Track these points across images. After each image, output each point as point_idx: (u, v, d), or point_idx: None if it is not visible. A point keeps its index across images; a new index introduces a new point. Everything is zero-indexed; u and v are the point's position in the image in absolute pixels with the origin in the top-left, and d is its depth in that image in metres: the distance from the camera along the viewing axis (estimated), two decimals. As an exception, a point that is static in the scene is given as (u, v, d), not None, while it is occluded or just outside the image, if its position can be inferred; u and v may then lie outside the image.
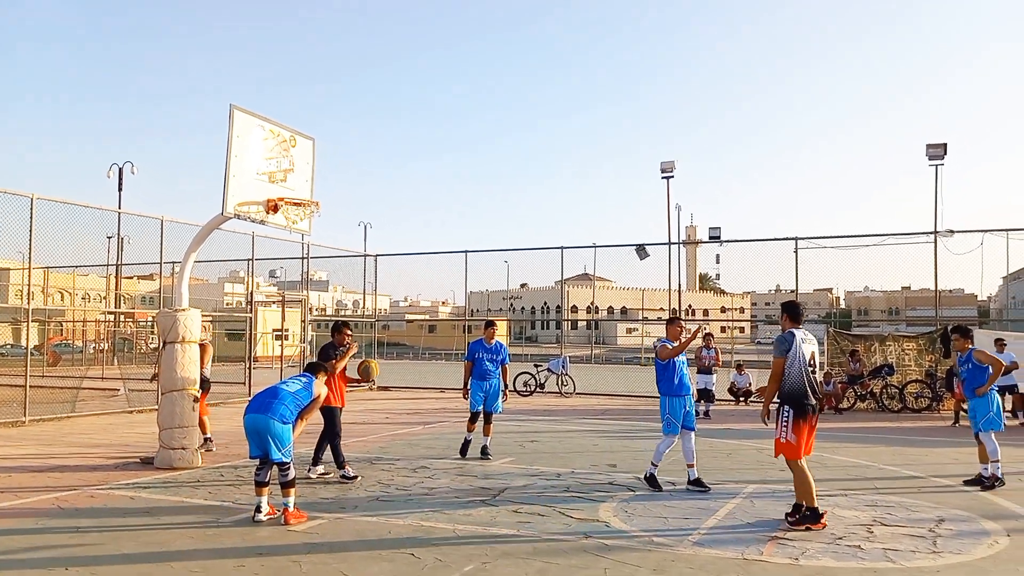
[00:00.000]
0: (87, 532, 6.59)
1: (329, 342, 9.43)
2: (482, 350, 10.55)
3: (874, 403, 17.65)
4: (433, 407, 16.74)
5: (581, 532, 6.61)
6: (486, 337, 10.63)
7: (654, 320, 54.97)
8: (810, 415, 6.96)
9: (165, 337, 10.20)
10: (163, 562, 5.70)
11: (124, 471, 9.45)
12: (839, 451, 11.38)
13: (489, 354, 10.54)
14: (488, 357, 10.52)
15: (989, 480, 8.74)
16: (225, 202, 9.78)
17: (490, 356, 10.53)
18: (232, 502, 7.73)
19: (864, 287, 74.10)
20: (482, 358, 10.52)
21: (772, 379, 7.09)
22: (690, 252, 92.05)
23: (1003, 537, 6.53)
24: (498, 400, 10.58)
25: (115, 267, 33.28)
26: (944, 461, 10.62)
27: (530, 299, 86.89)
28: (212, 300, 46.08)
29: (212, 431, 11.28)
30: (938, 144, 22.11)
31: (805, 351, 7.00)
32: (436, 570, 5.54)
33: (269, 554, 5.92)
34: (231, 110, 9.86)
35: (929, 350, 17.90)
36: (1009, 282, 61.58)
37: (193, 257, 10.70)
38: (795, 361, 6.95)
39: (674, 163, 40.30)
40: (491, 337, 10.62)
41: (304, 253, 22.78)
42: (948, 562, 5.82)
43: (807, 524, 6.76)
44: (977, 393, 9.05)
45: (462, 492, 8.28)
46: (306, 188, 11.06)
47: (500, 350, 10.60)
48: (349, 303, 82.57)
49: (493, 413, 10.57)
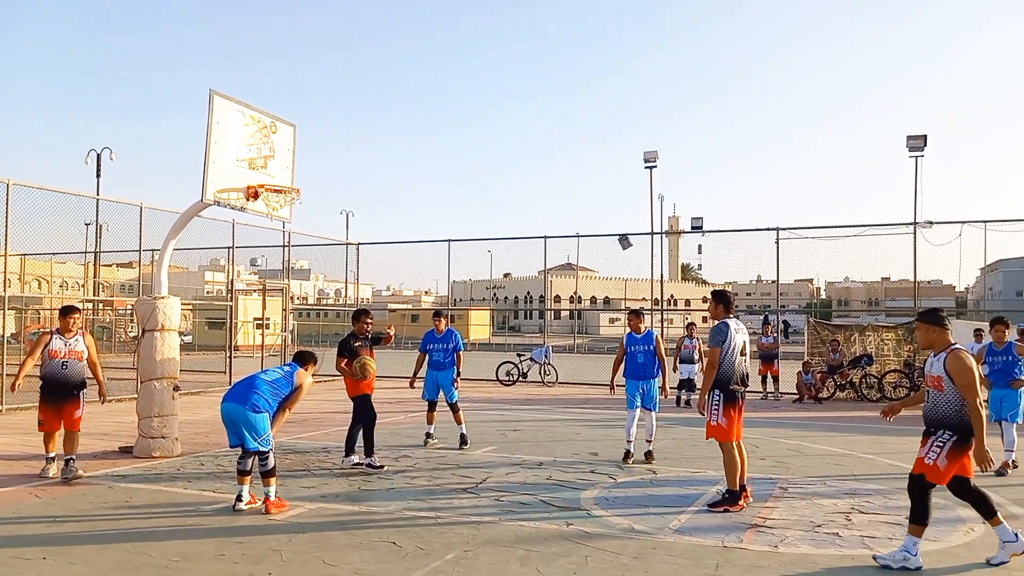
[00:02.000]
0: (64, 521, 6.53)
1: (350, 332, 9.26)
2: (432, 340, 10.64)
3: (853, 392, 17.81)
4: (415, 396, 16.68)
5: (563, 520, 6.63)
6: (436, 328, 10.68)
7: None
8: (738, 400, 7.27)
9: (144, 325, 10.10)
10: (141, 551, 5.66)
11: (102, 460, 9.37)
12: (819, 440, 11.48)
13: (440, 343, 10.58)
14: (439, 347, 10.57)
15: (1002, 468, 8.99)
16: (205, 189, 9.67)
17: (441, 346, 10.57)
18: (212, 491, 7.68)
19: (844, 278, 74.82)
20: (434, 348, 10.60)
21: (709, 368, 7.33)
22: (672, 242, 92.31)
23: (978, 524, 6.60)
24: (451, 389, 10.56)
25: (93, 254, 32.90)
26: (921, 450, 10.72)
27: (513, 289, 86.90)
28: (192, 288, 45.74)
29: (193, 419, 11.18)
30: (918, 136, 22.31)
31: (738, 341, 7.31)
32: (417, 558, 5.54)
33: (249, 542, 5.89)
34: (211, 95, 9.74)
35: (908, 340, 18.06)
36: (987, 273, 62.33)
37: (172, 244, 10.59)
38: (729, 350, 7.22)
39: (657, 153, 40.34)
40: (439, 326, 10.66)
41: (285, 241, 22.61)
42: (924, 549, 5.87)
43: (725, 507, 7.01)
44: (1012, 386, 9.21)
45: (444, 481, 8.28)
46: (287, 175, 10.96)
47: (449, 338, 10.61)
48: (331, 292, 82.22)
49: (451, 402, 10.56)
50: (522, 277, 79.53)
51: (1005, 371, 9.27)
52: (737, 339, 7.30)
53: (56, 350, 8.30)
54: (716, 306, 7.54)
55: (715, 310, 7.55)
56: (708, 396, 7.29)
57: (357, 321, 9.29)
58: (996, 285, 68.69)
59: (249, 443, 6.84)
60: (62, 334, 8.38)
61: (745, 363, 7.42)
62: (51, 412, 8.33)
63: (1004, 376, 9.27)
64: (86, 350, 8.50)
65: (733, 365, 7.25)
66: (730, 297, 7.63)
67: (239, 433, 6.87)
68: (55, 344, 8.31)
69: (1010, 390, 9.23)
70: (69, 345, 8.36)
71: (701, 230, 26.00)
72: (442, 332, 10.66)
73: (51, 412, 8.33)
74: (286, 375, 7.21)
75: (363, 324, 9.26)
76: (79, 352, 8.41)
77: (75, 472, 8.17)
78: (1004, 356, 9.31)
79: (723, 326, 7.33)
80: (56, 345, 8.30)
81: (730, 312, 7.52)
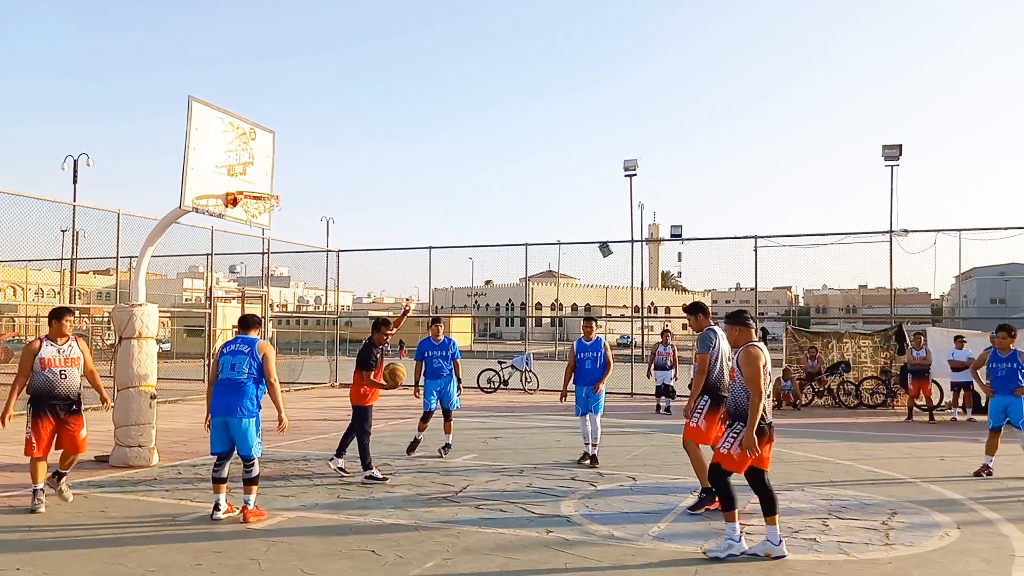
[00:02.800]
0: (39, 531, 6.45)
1: (368, 340, 9.05)
2: (430, 348, 10.40)
3: (831, 399, 17.96)
4: (396, 404, 16.64)
5: (543, 527, 6.63)
6: (432, 334, 10.46)
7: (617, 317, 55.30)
8: (722, 406, 7.32)
9: (121, 333, 10.00)
10: (118, 561, 5.60)
11: (78, 469, 9.22)
12: (796, 446, 11.57)
13: (438, 351, 10.37)
14: (438, 354, 10.36)
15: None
16: (183, 195, 9.60)
17: (440, 353, 10.36)
18: (190, 500, 7.62)
19: (822, 285, 75.42)
20: (432, 356, 10.37)
21: (699, 374, 7.41)
22: (652, 250, 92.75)
23: (953, 529, 6.70)
24: (453, 396, 10.45)
25: (70, 261, 32.52)
26: (898, 456, 10.85)
27: (495, 296, 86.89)
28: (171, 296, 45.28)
29: (171, 427, 11.06)
30: (893, 145, 22.54)
31: (724, 347, 7.41)
32: (397, 567, 5.52)
33: (227, 551, 5.85)
34: (189, 101, 9.68)
35: (884, 347, 18.26)
36: (961, 281, 63.10)
37: (150, 251, 10.50)
38: (716, 356, 7.34)
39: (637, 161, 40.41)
40: (437, 333, 10.43)
41: (264, 248, 22.48)
42: (900, 554, 5.95)
43: (705, 506, 7.15)
44: (1016, 393, 9.32)
45: (424, 489, 8.25)
46: (266, 181, 10.91)
47: (448, 345, 10.43)
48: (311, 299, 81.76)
49: (451, 410, 10.45)
50: (503, 284, 79.55)
51: (1008, 378, 9.38)
52: (723, 345, 7.39)
53: (50, 358, 7.27)
54: (696, 317, 7.69)
55: (696, 321, 7.68)
56: (697, 400, 7.35)
57: (377, 332, 9.11)
58: (970, 293, 69.56)
59: (244, 450, 6.81)
60: (54, 340, 7.36)
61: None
62: (46, 432, 7.23)
63: (1007, 383, 9.39)
64: (82, 356, 7.53)
65: (722, 371, 7.31)
66: (706, 306, 7.78)
67: (233, 442, 6.82)
68: (47, 352, 7.28)
69: (1014, 397, 9.32)
70: (63, 352, 7.37)
71: (681, 238, 26.14)
72: (440, 340, 10.43)
73: (46, 432, 7.23)
74: (251, 356, 6.97)
75: (383, 335, 9.10)
76: (75, 359, 7.43)
77: (61, 492, 7.47)
78: (1008, 363, 9.42)
79: (710, 333, 7.45)
80: (48, 353, 7.28)
81: (710, 319, 7.66)
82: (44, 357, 7.26)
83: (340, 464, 8.94)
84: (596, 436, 9.84)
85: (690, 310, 7.76)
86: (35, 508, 7.08)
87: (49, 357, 7.28)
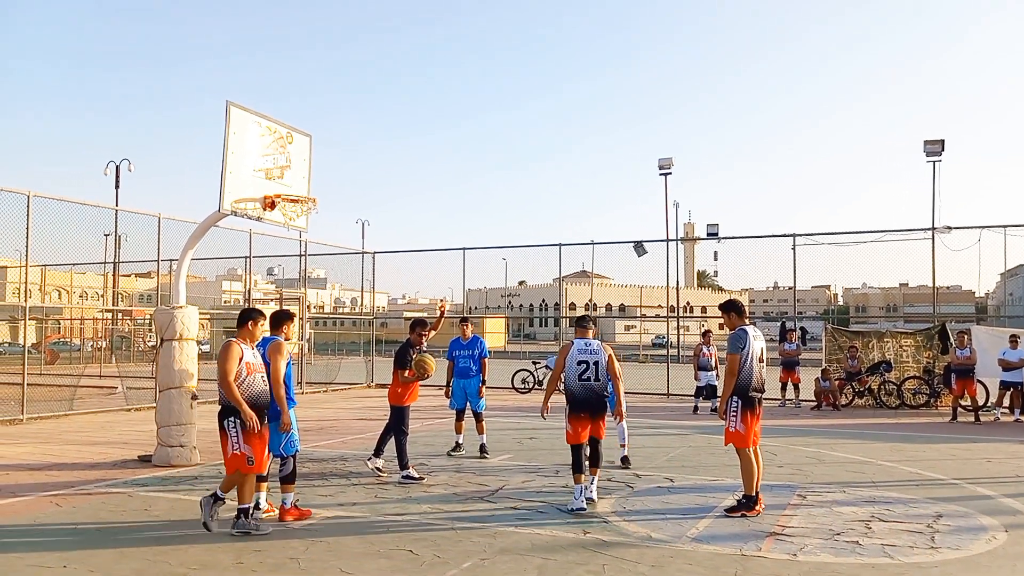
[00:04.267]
0: (84, 530, 6.58)
1: (406, 341, 9.13)
2: (459, 347, 10.63)
3: (872, 399, 17.65)
4: (432, 404, 16.70)
5: (579, 528, 6.61)
6: (461, 334, 10.67)
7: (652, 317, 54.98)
8: (756, 405, 7.31)
9: (162, 335, 10.18)
10: (161, 559, 5.69)
11: (122, 469, 9.43)
12: (837, 447, 11.39)
13: (466, 350, 10.58)
14: (465, 354, 10.57)
15: None
16: (222, 199, 9.74)
17: (467, 352, 10.57)
18: (230, 499, 7.70)
19: (862, 284, 73.98)
20: (460, 355, 10.60)
21: (729, 375, 7.32)
22: (688, 249, 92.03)
23: (1001, 533, 6.53)
24: (478, 398, 10.54)
25: (112, 265, 33.21)
26: (942, 457, 10.62)
27: (528, 297, 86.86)
28: (210, 298, 46.03)
29: (211, 428, 11.16)
30: (935, 140, 22.12)
31: (756, 347, 7.32)
32: (434, 567, 5.53)
33: (267, 550, 5.92)
34: (227, 107, 9.83)
35: (927, 346, 17.89)
36: (1006, 278, 61.62)
37: (190, 254, 10.67)
38: (748, 357, 7.23)
39: (672, 160, 40.25)
40: (465, 333, 10.65)
41: (302, 251, 22.74)
42: (946, 557, 5.82)
43: (742, 511, 7.05)
44: None
45: (460, 489, 8.27)
46: (303, 185, 11.03)
47: (475, 345, 10.60)
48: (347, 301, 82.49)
49: (478, 411, 10.54)
50: (537, 285, 79.43)
51: None
52: (755, 345, 7.32)
53: (253, 364, 6.53)
54: (729, 316, 7.60)
55: (729, 320, 7.59)
56: (728, 403, 7.29)
57: (413, 332, 9.18)
58: (1016, 290, 67.85)
59: (274, 448, 6.83)
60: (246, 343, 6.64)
61: (762, 369, 7.41)
62: (260, 442, 6.47)
63: None
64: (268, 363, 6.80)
65: (752, 371, 7.24)
66: (741, 305, 7.64)
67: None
68: (248, 356, 6.51)
69: None
70: (257, 357, 6.67)
71: (717, 236, 25.85)
72: (468, 339, 10.64)
73: (260, 442, 6.47)
74: (264, 356, 6.81)
75: (419, 335, 9.14)
76: (265, 365, 6.74)
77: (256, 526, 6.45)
78: None
79: (741, 333, 7.35)
80: (250, 358, 6.53)
81: (744, 319, 7.54)
82: (248, 362, 6.51)
83: (378, 464, 9.00)
84: (624, 437, 9.81)
85: (723, 308, 7.68)
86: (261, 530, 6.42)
87: (252, 362, 6.55)
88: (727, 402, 7.29)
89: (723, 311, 7.65)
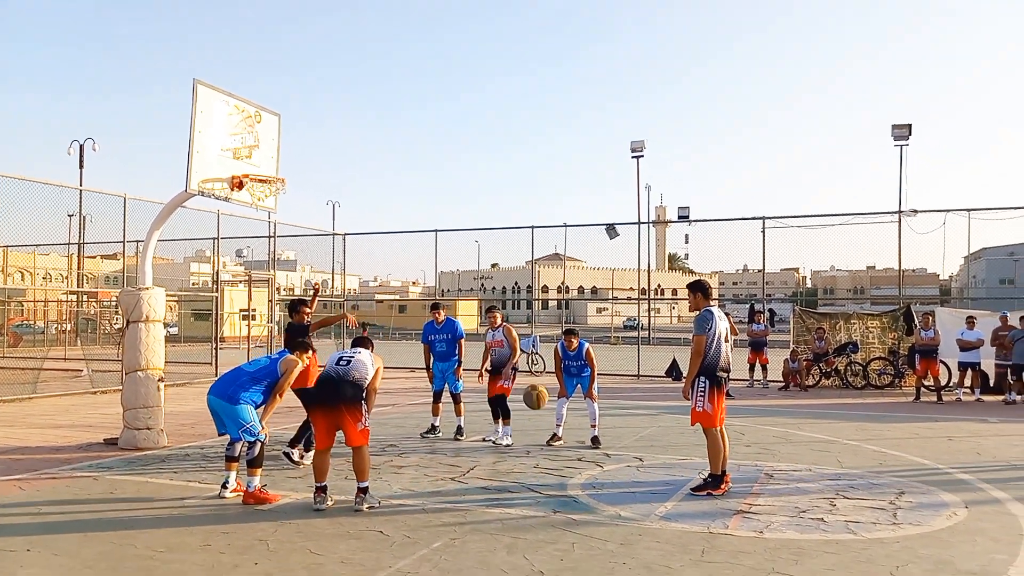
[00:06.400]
0: (48, 513, 6.49)
1: (291, 324, 9.03)
2: (433, 331, 10.69)
3: (839, 380, 17.93)
4: (403, 387, 16.69)
5: (550, 507, 6.65)
6: (435, 318, 10.72)
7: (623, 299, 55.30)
8: (723, 385, 7.40)
9: (129, 316, 10.02)
10: (127, 542, 5.63)
11: (87, 452, 9.31)
12: (804, 427, 11.56)
13: (441, 334, 10.64)
14: (440, 337, 10.63)
15: None
16: (189, 179, 9.58)
17: (442, 336, 10.62)
18: (198, 482, 7.65)
19: (830, 266, 75.04)
20: (435, 339, 10.66)
21: (695, 355, 7.38)
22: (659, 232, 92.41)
23: (961, 509, 6.68)
24: (454, 379, 10.57)
25: (77, 246, 32.62)
26: (905, 436, 10.83)
27: (501, 279, 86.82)
28: (178, 280, 45.46)
29: (179, 410, 11.12)
30: (903, 125, 22.43)
31: (721, 328, 7.41)
32: (405, 547, 5.54)
33: (235, 532, 5.88)
34: (194, 84, 9.65)
35: (892, 328, 18.19)
36: (970, 261, 62.78)
37: (156, 235, 10.49)
38: (713, 337, 7.30)
39: (644, 143, 40.39)
40: (438, 318, 10.70)
41: (271, 232, 22.47)
42: (908, 533, 5.94)
43: (708, 490, 7.13)
44: None
45: (431, 470, 8.28)
46: (272, 165, 10.88)
47: (448, 328, 10.64)
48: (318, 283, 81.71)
49: (456, 392, 10.57)
50: (510, 267, 79.59)
51: None
52: (720, 326, 7.40)
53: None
54: (695, 296, 7.65)
55: (695, 300, 7.64)
56: (695, 383, 7.36)
57: (295, 313, 9.00)
58: (980, 273, 69.16)
59: (233, 432, 6.85)
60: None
61: (728, 350, 7.50)
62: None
63: None
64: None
65: (719, 352, 7.32)
66: (707, 286, 7.74)
67: (223, 423, 6.91)
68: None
69: None
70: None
71: (688, 219, 26.05)
72: (441, 322, 10.69)
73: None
74: (271, 363, 7.19)
75: (301, 315, 8.96)
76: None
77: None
78: None
79: (707, 314, 7.42)
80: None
81: (709, 300, 7.64)
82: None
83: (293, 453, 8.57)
84: (595, 417, 9.97)
85: (690, 287, 7.73)
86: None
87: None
88: (694, 382, 7.36)
89: (690, 291, 7.71)
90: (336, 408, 6.49)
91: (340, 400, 6.49)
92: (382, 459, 8.84)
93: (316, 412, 6.63)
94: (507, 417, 9.94)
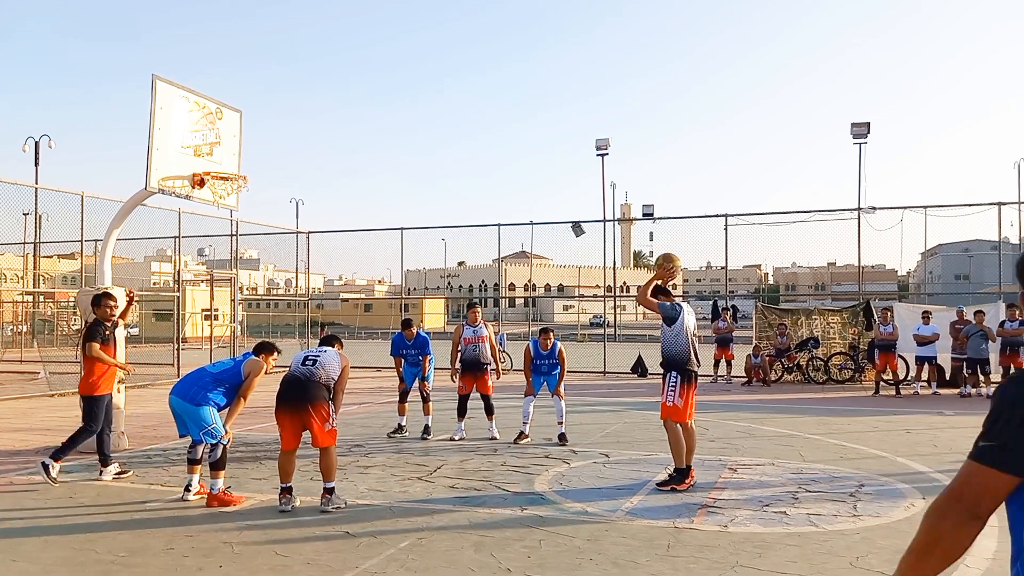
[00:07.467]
0: (7, 518, 6.34)
1: (94, 319, 8.12)
2: (404, 346, 10.81)
3: (800, 375, 18.21)
4: (369, 387, 16.60)
5: (517, 505, 6.66)
6: (406, 335, 10.78)
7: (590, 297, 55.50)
8: (693, 380, 7.51)
9: (87, 318, 9.82)
10: (87, 547, 5.53)
11: (45, 456, 9.09)
12: (767, 422, 11.72)
13: (412, 349, 10.78)
14: (413, 352, 10.78)
15: None
16: (149, 177, 9.42)
17: (413, 352, 10.77)
18: (160, 485, 7.54)
19: (792, 263, 76.24)
20: (407, 354, 10.81)
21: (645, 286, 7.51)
22: (624, 229, 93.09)
23: (919, 500, 6.83)
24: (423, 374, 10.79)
25: (33, 245, 31.86)
26: (865, 429, 11.04)
27: (468, 277, 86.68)
28: (138, 279, 44.60)
29: (140, 412, 10.94)
30: (862, 123, 22.77)
31: (690, 322, 7.55)
32: (371, 547, 5.51)
33: (199, 536, 5.80)
34: (153, 80, 9.49)
35: (852, 323, 18.52)
36: (927, 257, 64.16)
37: (116, 234, 10.31)
38: (682, 330, 7.43)
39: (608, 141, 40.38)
40: (411, 333, 10.76)
41: (233, 231, 22.19)
42: (867, 524, 6.06)
43: (672, 485, 7.20)
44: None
45: (398, 470, 8.25)
46: (233, 162, 10.74)
47: (419, 345, 10.76)
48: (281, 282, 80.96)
49: (427, 382, 10.79)
50: (477, 265, 79.42)
51: None
52: (689, 320, 7.53)
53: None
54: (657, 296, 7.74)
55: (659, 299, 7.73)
56: (665, 377, 7.44)
57: (98, 307, 8.10)
58: (936, 269, 70.75)
59: (195, 434, 6.76)
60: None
61: (696, 344, 7.61)
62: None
63: None
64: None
65: (687, 345, 7.42)
66: (667, 289, 7.88)
67: (184, 424, 6.81)
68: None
69: None
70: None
71: (652, 217, 26.22)
72: (412, 338, 10.78)
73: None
74: (235, 365, 7.10)
75: (104, 309, 8.10)
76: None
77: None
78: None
79: (677, 305, 7.60)
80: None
81: (671, 299, 7.79)
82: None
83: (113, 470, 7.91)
84: (561, 414, 10.05)
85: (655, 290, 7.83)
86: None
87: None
88: (665, 377, 7.46)
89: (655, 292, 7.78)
90: (303, 409, 6.44)
91: (307, 400, 6.44)
92: (348, 459, 8.79)
93: (282, 413, 6.56)
94: (491, 412, 10.35)
